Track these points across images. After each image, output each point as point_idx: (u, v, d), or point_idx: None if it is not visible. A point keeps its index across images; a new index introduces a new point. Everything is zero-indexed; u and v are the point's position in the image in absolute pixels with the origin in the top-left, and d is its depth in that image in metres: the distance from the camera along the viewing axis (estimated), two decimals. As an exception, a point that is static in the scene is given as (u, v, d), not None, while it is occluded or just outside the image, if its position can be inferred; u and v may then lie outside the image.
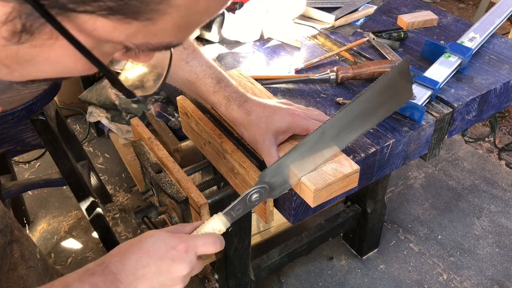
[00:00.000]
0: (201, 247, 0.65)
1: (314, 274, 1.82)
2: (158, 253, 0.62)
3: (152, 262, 0.61)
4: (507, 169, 2.30)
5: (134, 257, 0.61)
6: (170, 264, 0.62)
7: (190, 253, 0.64)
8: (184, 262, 0.63)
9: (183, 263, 0.63)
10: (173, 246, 0.63)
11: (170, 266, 0.62)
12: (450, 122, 1.00)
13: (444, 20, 1.33)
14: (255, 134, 0.79)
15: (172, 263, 0.62)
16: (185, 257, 0.63)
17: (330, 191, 0.76)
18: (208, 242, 0.66)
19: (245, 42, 1.24)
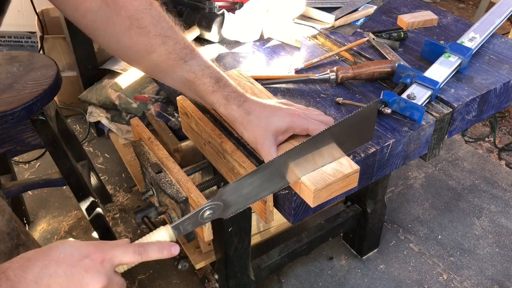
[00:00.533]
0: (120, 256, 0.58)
1: (314, 274, 1.82)
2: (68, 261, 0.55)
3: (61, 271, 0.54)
4: (507, 169, 2.30)
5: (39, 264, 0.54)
6: (82, 275, 0.55)
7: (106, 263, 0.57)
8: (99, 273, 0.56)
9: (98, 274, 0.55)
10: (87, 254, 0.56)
11: (82, 277, 0.55)
12: (450, 122, 1.00)
13: (444, 20, 1.33)
14: (255, 134, 0.79)
15: (84, 274, 0.55)
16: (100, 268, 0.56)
17: (330, 191, 0.76)
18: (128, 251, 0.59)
19: (245, 42, 1.24)
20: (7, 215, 0.83)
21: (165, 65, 0.79)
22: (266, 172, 0.71)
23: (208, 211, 0.68)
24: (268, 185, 0.73)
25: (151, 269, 1.83)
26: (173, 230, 0.66)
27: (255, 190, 0.71)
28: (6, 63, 1.48)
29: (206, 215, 0.68)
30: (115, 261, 0.58)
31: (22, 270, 0.53)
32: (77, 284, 0.54)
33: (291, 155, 0.71)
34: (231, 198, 0.69)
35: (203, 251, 1.60)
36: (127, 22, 0.74)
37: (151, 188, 1.02)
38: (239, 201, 0.71)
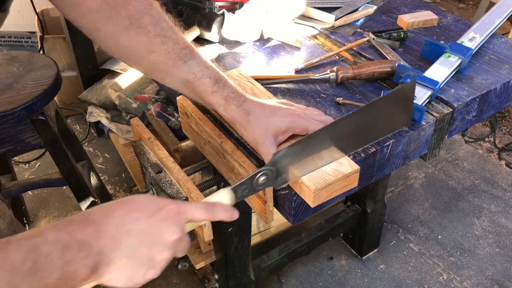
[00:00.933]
0: (192, 212, 0.61)
1: (314, 274, 1.82)
2: (147, 210, 0.58)
3: (142, 218, 0.57)
4: (507, 169, 2.30)
5: (121, 211, 0.57)
6: (160, 224, 0.58)
7: (181, 215, 0.60)
8: (175, 223, 0.58)
9: (174, 224, 0.58)
10: (163, 205, 0.59)
11: (161, 225, 0.58)
12: (450, 122, 1.00)
13: (444, 20, 1.33)
14: (255, 134, 0.79)
15: (162, 223, 0.58)
16: (176, 219, 0.59)
17: (330, 191, 0.76)
18: (199, 207, 0.62)
19: (245, 42, 1.24)
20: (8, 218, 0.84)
21: (164, 65, 0.79)
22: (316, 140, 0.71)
23: (263, 177, 0.69)
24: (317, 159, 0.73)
25: (151, 269, 1.83)
26: (232, 192, 0.67)
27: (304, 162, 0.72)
28: (6, 63, 1.49)
29: (260, 181, 0.69)
30: (188, 215, 0.60)
31: (106, 214, 0.56)
32: (155, 232, 0.57)
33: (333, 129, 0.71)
34: (284, 164, 0.70)
35: (203, 251, 1.60)
36: (127, 21, 0.74)
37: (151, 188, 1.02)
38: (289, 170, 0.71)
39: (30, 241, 0.50)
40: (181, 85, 0.82)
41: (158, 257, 0.58)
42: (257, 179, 0.69)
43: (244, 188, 0.68)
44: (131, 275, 0.57)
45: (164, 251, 0.58)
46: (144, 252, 0.57)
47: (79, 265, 0.52)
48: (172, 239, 0.58)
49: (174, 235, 0.58)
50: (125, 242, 0.56)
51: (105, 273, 0.55)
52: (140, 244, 0.56)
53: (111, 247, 0.55)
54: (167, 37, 0.77)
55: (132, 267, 0.56)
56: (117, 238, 0.55)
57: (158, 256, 0.58)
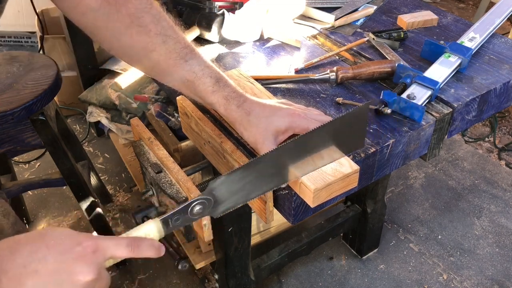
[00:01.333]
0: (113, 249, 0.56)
1: (314, 274, 1.82)
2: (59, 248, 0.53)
3: (51, 257, 0.52)
4: (507, 169, 2.30)
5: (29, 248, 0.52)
6: (73, 263, 0.52)
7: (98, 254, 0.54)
8: (90, 263, 0.53)
9: (89, 264, 0.53)
10: (79, 242, 0.54)
11: (72, 265, 0.52)
12: (450, 122, 1.00)
13: (444, 20, 1.33)
14: (255, 134, 0.79)
15: (75, 262, 0.52)
16: (92, 258, 0.54)
17: (330, 191, 0.76)
18: (122, 244, 0.57)
19: (245, 42, 1.24)
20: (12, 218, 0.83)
21: (165, 64, 0.79)
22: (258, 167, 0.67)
23: (198, 206, 0.64)
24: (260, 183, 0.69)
25: (151, 269, 1.83)
26: (162, 223, 0.62)
27: (246, 188, 0.68)
28: (6, 63, 1.49)
29: (196, 211, 0.64)
30: (107, 254, 0.56)
31: (10, 251, 0.51)
32: (66, 272, 0.52)
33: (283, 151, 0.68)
34: (222, 194, 0.66)
35: (203, 251, 1.60)
36: (128, 20, 0.74)
37: (151, 188, 1.02)
38: (230, 198, 0.67)
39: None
40: (181, 85, 0.82)
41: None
42: (192, 209, 0.64)
43: (177, 219, 0.63)
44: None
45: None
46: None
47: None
48: (85, 280, 0.53)
49: (88, 275, 0.53)
50: (29, 282, 0.50)
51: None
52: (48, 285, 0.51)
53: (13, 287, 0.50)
54: (168, 36, 0.77)
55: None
56: (20, 278, 0.50)
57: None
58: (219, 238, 1.29)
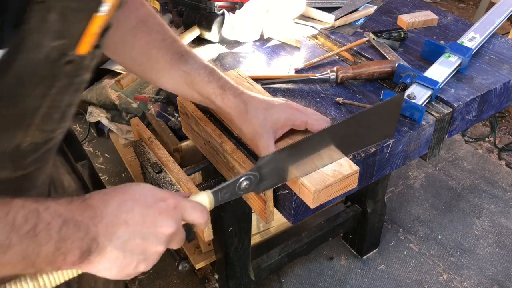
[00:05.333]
0: (190, 210, 0.60)
1: (314, 274, 1.82)
2: (144, 201, 0.56)
3: (137, 209, 0.55)
4: (507, 169, 2.30)
5: (118, 200, 0.55)
6: (156, 217, 0.56)
7: (178, 210, 0.58)
8: (171, 218, 0.57)
9: (171, 219, 0.57)
10: (162, 198, 0.58)
11: (156, 218, 0.56)
12: (450, 122, 1.00)
13: (444, 20, 1.33)
14: (254, 126, 0.78)
15: (158, 216, 0.56)
16: (173, 213, 0.58)
17: (330, 192, 0.76)
18: (197, 208, 0.61)
19: (245, 42, 1.24)
20: None
21: (163, 62, 0.80)
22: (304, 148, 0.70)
23: (245, 182, 0.68)
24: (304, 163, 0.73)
25: (151, 269, 1.83)
26: (213, 195, 0.65)
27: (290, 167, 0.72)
28: (6, 63, 1.48)
29: (243, 186, 0.68)
30: (185, 212, 0.59)
31: (103, 201, 0.54)
32: (150, 224, 0.55)
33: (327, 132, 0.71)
34: (267, 171, 0.69)
35: (203, 251, 1.60)
36: (134, 22, 0.79)
37: (151, 188, 1.02)
38: (273, 176, 0.71)
39: (34, 204, 0.48)
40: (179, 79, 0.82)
41: (152, 250, 0.57)
42: (240, 184, 0.67)
43: (225, 192, 0.67)
44: (122, 267, 0.55)
45: (158, 244, 0.57)
46: (138, 244, 0.55)
47: (73, 246, 0.50)
48: (167, 232, 0.57)
49: (169, 228, 0.57)
50: (120, 231, 0.54)
51: (96, 262, 0.54)
52: (135, 235, 0.55)
53: (106, 235, 0.53)
54: (167, 35, 0.81)
55: (124, 258, 0.55)
56: (113, 226, 0.54)
57: (151, 249, 0.57)
58: (219, 238, 1.29)
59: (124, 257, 0.55)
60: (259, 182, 0.70)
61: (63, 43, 0.49)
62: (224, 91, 0.80)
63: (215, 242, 1.38)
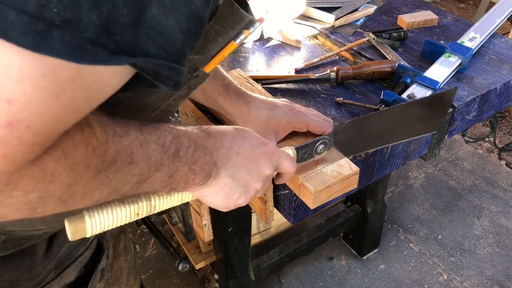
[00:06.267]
0: (283, 159, 0.65)
1: (314, 274, 1.82)
2: (251, 141, 0.62)
3: (247, 145, 0.61)
4: (507, 169, 2.30)
5: (231, 134, 0.60)
6: (260, 157, 0.62)
7: (275, 156, 0.63)
8: (270, 161, 0.62)
9: (270, 161, 0.62)
10: (264, 142, 0.63)
11: (260, 158, 0.61)
12: (450, 122, 1.00)
13: (444, 20, 1.33)
14: (256, 127, 0.78)
15: (261, 156, 0.62)
16: (272, 157, 0.63)
17: (330, 192, 0.75)
18: (288, 157, 0.66)
19: (245, 42, 1.24)
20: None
21: None
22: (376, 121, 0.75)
23: (322, 145, 0.72)
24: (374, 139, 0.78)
25: (151, 269, 1.83)
26: (296, 152, 0.70)
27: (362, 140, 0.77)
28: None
29: (319, 149, 0.73)
30: (279, 160, 0.64)
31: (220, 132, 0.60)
32: (255, 162, 0.61)
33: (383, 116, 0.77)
34: (341, 139, 0.74)
35: (203, 251, 1.60)
36: None
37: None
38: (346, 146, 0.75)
39: (175, 129, 0.54)
40: None
41: (252, 185, 0.62)
42: (317, 146, 0.72)
43: (305, 152, 0.71)
44: (227, 195, 0.60)
45: (258, 181, 0.62)
46: (244, 176, 0.60)
47: (200, 168, 0.55)
48: (267, 173, 0.62)
49: (268, 170, 0.62)
50: (233, 161, 0.59)
51: (211, 185, 0.59)
52: (242, 168, 0.60)
53: (223, 161, 0.58)
54: None
55: (231, 186, 0.60)
56: (228, 156, 0.59)
57: (252, 184, 0.62)
58: (219, 238, 1.29)
59: (232, 185, 0.60)
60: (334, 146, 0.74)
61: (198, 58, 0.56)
62: (227, 90, 0.80)
63: (215, 242, 1.38)
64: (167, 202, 0.60)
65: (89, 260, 0.78)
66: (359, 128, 0.76)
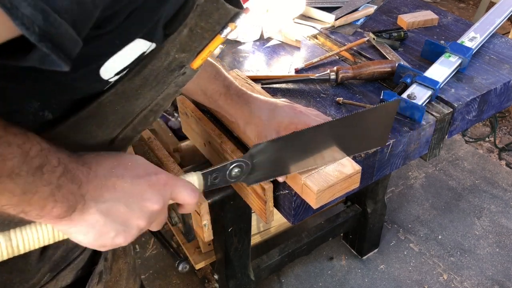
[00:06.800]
0: (180, 189, 0.58)
1: (314, 274, 1.82)
2: (136, 171, 0.55)
3: (128, 177, 0.54)
4: (507, 169, 2.30)
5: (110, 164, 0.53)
6: (145, 189, 0.54)
7: (168, 188, 0.57)
8: (160, 194, 0.55)
9: (159, 194, 0.55)
10: (154, 172, 0.56)
11: (145, 191, 0.54)
12: (450, 122, 1.00)
13: (444, 20, 1.33)
14: (257, 127, 0.77)
15: (148, 189, 0.54)
16: (162, 190, 0.56)
17: (333, 192, 0.75)
18: (187, 187, 0.59)
19: (245, 42, 1.24)
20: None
21: None
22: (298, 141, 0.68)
23: (236, 169, 0.66)
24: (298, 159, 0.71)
25: (151, 269, 1.83)
26: (203, 177, 0.64)
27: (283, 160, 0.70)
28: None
29: (234, 173, 0.66)
30: (175, 191, 0.58)
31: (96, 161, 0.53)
32: (138, 195, 0.54)
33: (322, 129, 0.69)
34: (260, 161, 0.67)
35: (203, 251, 1.60)
36: None
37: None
38: (265, 168, 0.68)
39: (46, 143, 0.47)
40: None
41: (134, 222, 0.55)
42: (231, 170, 0.65)
43: (216, 177, 0.65)
44: (100, 234, 0.53)
45: (141, 218, 0.55)
46: (121, 213, 0.53)
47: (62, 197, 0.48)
48: (152, 208, 0.55)
49: (155, 204, 0.55)
50: (106, 194, 0.52)
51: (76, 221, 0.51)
52: (120, 202, 0.53)
53: (93, 195, 0.51)
54: None
55: (104, 224, 0.52)
56: (101, 188, 0.52)
57: (134, 221, 0.54)
58: (219, 238, 1.29)
59: (104, 222, 0.52)
60: (251, 172, 0.68)
61: (184, 56, 0.53)
62: (229, 90, 0.79)
63: (215, 242, 1.38)
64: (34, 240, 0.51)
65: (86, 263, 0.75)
66: (281, 148, 0.68)
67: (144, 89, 0.54)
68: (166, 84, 0.58)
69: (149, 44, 0.48)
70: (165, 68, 0.54)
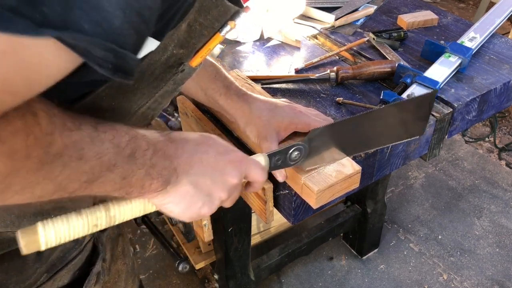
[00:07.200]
0: (252, 167, 0.63)
1: (314, 274, 1.82)
2: (217, 148, 0.60)
3: (212, 153, 0.59)
4: (507, 169, 2.30)
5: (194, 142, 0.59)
6: (226, 164, 0.60)
7: (243, 164, 0.62)
8: (237, 169, 0.61)
9: (236, 169, 0.60)
10: (232, 150, 0.62)
11: (226, 166, 0.59)
12: (450, 122, 1.00)
13: (444, 20, 1.33)
14: (258, 127, 0.77)
15: (228, 164, 0.60)
16: (239, 166, 0.61)
17: (332, 192, 0.75)
18: (258, 166, 0.64)
19: (245, 42, 1.24)
20: None
21: None
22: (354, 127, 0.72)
23: (296, 152, 0.69)
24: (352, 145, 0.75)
25: (151, 269, 1.83)
26: (268, 159, 0.68)
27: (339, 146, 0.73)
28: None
29: (293, 156, 0.69)
30: (248, 169, 0.62)
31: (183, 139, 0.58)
32: (221, 169, 0.59)
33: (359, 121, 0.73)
34: (316, 145, 0.70)
35: (203, 251, 1.60)
36: None
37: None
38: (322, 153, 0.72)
39: (133, 131, 0.52)
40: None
41: (217, 194, 0.60)
42: (291, 153, 0.69)
43: (278, 159, 0.69)
44: (189, 203, 0.58)
45: (223, 190, 0.60)
46: (207, 185, 0.58)
47: (158, 173, 0.53)
48: (233, 182, 0.60)
49: (234, 179, 0.60)
50: (195, 168, 0.57)
51: (171, 192, 0.56)
52: (206, 175, 0.58)
53: (184, 168, 0.56)
54: None
55: (193, 195, 0.58)
56: (190, 162, 0.57)
57: (216, 193, 0.60)
58: (219, 238, 1.29)
59: (193, 193, 0.57)
60: (308, 157, 0.71)
61: (183, 52, 0.54)
62: (229, 90, 0.79)
63: (215, 242, 1.38)
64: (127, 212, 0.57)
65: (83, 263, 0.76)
66: (336, 133, 0.72)
67: (141, 84, 0.55)
68: (164, 81, 0.59)
69: (157, 43, 0.50)
70: (163, 63, 0.55)
